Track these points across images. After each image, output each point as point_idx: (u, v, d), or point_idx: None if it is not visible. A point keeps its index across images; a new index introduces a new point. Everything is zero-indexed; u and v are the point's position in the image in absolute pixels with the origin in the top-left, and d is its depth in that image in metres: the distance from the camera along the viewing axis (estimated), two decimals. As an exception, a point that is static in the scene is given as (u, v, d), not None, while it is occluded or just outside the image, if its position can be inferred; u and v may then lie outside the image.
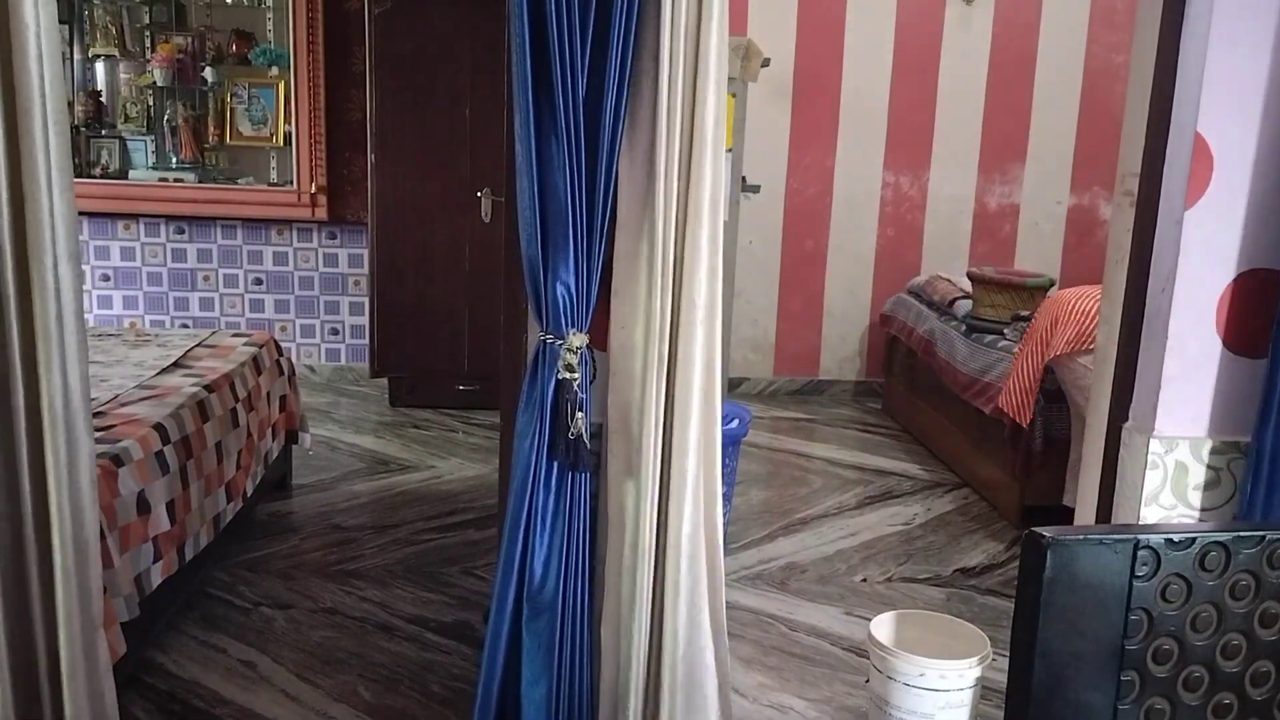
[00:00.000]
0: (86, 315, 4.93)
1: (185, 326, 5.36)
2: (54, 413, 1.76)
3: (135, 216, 5.28)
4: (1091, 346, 2.94)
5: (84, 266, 5.11)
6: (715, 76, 1.82)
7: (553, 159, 1.81)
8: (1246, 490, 1.85)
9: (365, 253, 5.27)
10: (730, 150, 4.40)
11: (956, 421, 4.49)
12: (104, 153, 5.16)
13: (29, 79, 1.66)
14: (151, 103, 5.16)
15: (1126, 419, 2.01)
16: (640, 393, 1.91)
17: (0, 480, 1.77)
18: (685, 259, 1.88)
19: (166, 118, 5.12)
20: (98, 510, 1.88)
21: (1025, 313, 4.32)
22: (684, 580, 1.97)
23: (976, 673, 2.27)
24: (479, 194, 4.88)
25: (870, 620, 2.42)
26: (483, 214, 4.88)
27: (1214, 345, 1.91)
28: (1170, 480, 1.94)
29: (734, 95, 4.38)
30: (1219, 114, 1.83)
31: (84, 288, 5.05)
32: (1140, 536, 1.01)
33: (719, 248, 1.90)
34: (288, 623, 2.92)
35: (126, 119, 5.12)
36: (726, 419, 3.36)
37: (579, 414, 1.90)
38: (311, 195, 5.17)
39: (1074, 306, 3.59)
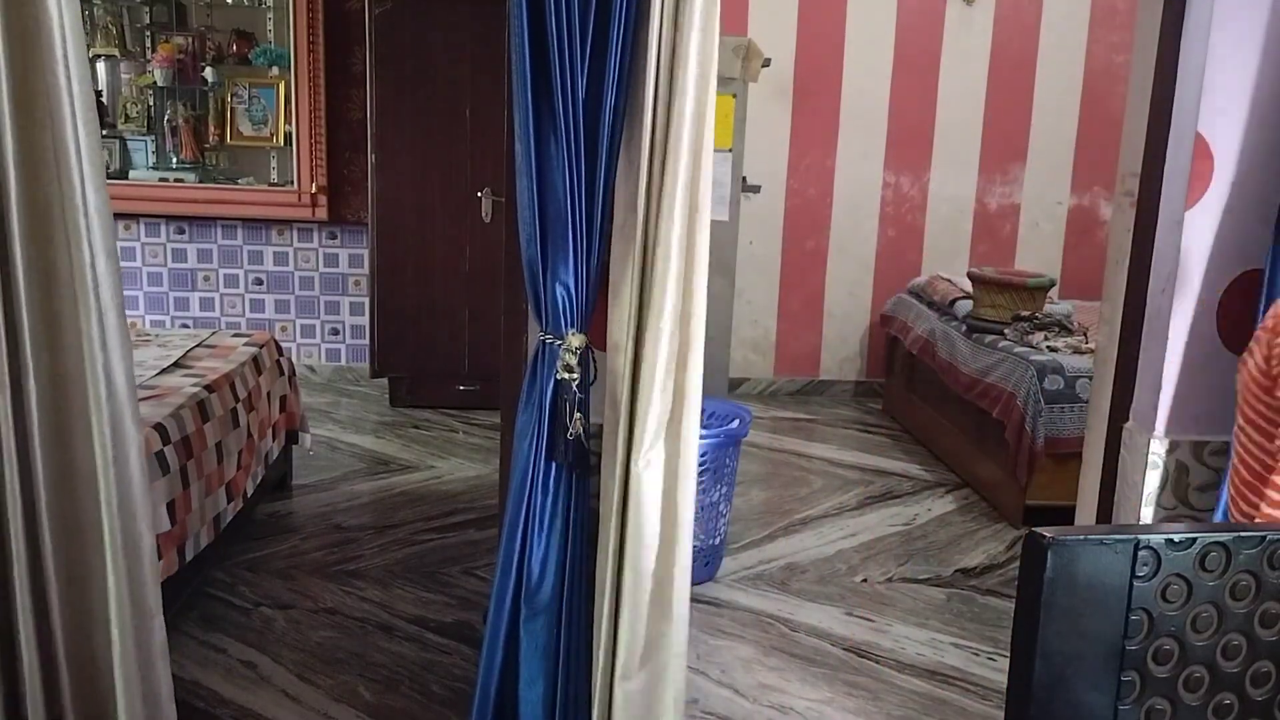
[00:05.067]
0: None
1: (185, 326, 5.36)
2: (99, 408, 1.79)
3: (135, 216, 5.27)
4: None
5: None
6: (696, 73, 1.79)
7: (552, 159, 1.81)
8: (1222, 490, 1.85)
9: (365, 253, 5.27)
10: (730, 150, 4.40)
11: (957, 421, 4.49)
12: (104, 153, 5.16)
13: (57, 80, 1.67)
14: (152, 103, 5.15)
15: (1127, 419, 2.01)
16: (623, 393, 1.91)
17: (18, 478, 1.79)
18: (656, 264, 1.85)
19: (167, 118, 5.12)
20: (149, 500, 1.92)
21: (1026, 313, 4.32)
22: (645, 597, 1.93)
23: None
24: (479, 194, 4.88)
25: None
26: (483, 214, 4.88)
27: (1214, 345, 1.91)
28: (1171, 480, 1.94)
29: (734, 95, 4.38)
30: (1219, 114, 1.83)
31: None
32: (1141, 537, 1.01)
33: (697, 249, 1.85)
34: (288, 623, 2.92)
35: (127, 119, 5.12)
36: (727, 419, 3.36)
37: (578, 414, 1.90)
38: (312, 195, 5.17)
39: None
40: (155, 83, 5.03)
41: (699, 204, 1.85)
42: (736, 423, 3.32)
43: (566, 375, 1.89)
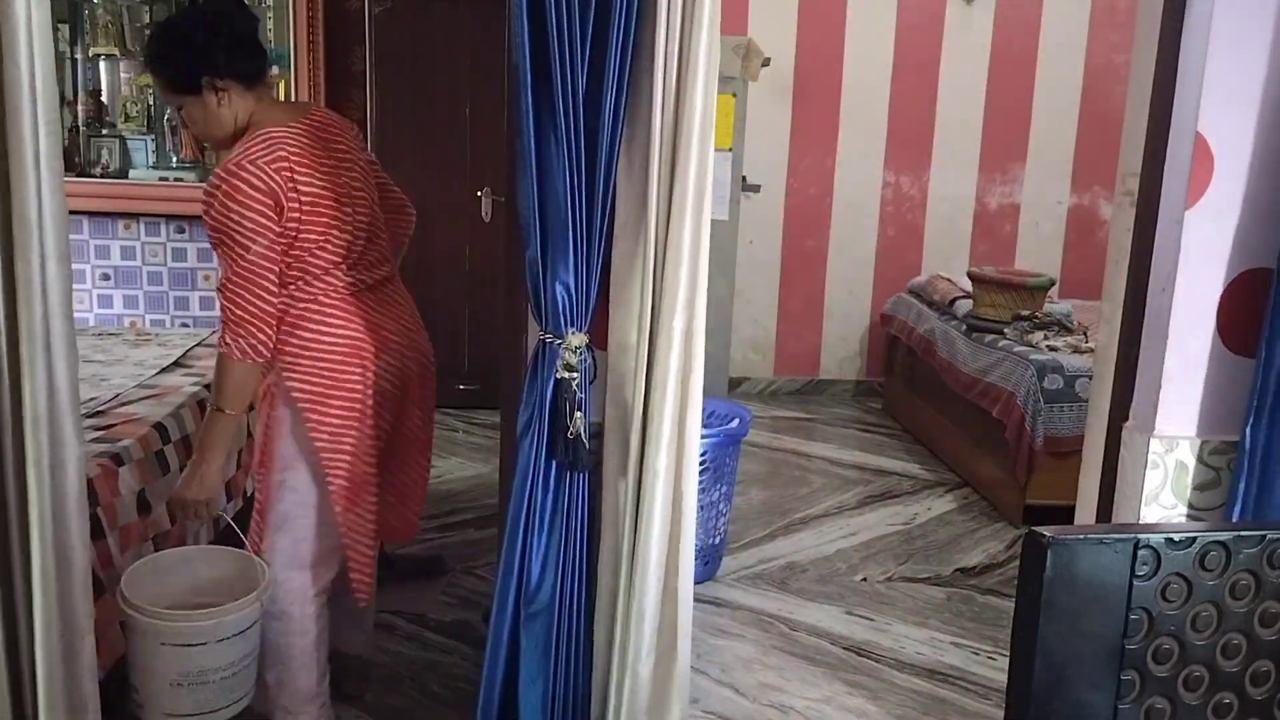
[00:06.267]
0: (87, 315, 4.92)
1: (185, 326, 5.35)
2: (37, 413, 1.72)
3: (135, 216, 5.27)
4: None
5: (84, 266, 5.10)
6: (704, 74, 1.81)
7: (552, 159, 1.81)
8: (1237, 488, 1.85)
9: (365, 252, 5.27)
10: (730, 150, 4.40)
11: (957, 421, 4.50)
12: (104, 152, 5.15)
13: (18, 75, 1.64)
14: (152, 102, 5.15)
15: (1127, 418, 2.01)
16: (633, 393, 1.91)
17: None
18: (668, 260, 1.87)
19: (167, 117, 5.11)
20: (86, 515, 1.83)
21: (1026, 312, 4.33)
22: (651, 589, 1.95)
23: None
24: (479, 194, 4.88)
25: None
26: (483, 214, 4.88)
27: (1214, 345, 1.91)
28: (1170, 480, 1.94)
29: (734, 95, 4.38)
30: (1219, 114, 1.83)
31: (80, 287, 5.03)
32: (1140, 536, 1.01)
33: (701, 249, 1.89)
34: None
35: (127, 118, 5.11)
36: (727, 419, 3.36)
37: (578, 413, 1.90)
38: (312, 195, 5.16)
39: None
40: (155, 82, 5.03)
41: (704, 204, 1.86)
42: (736, 422, 3.32)
43: (566, 374, 1.89)
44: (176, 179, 5.12)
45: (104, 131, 5.18)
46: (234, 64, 2.10)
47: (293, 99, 5.09)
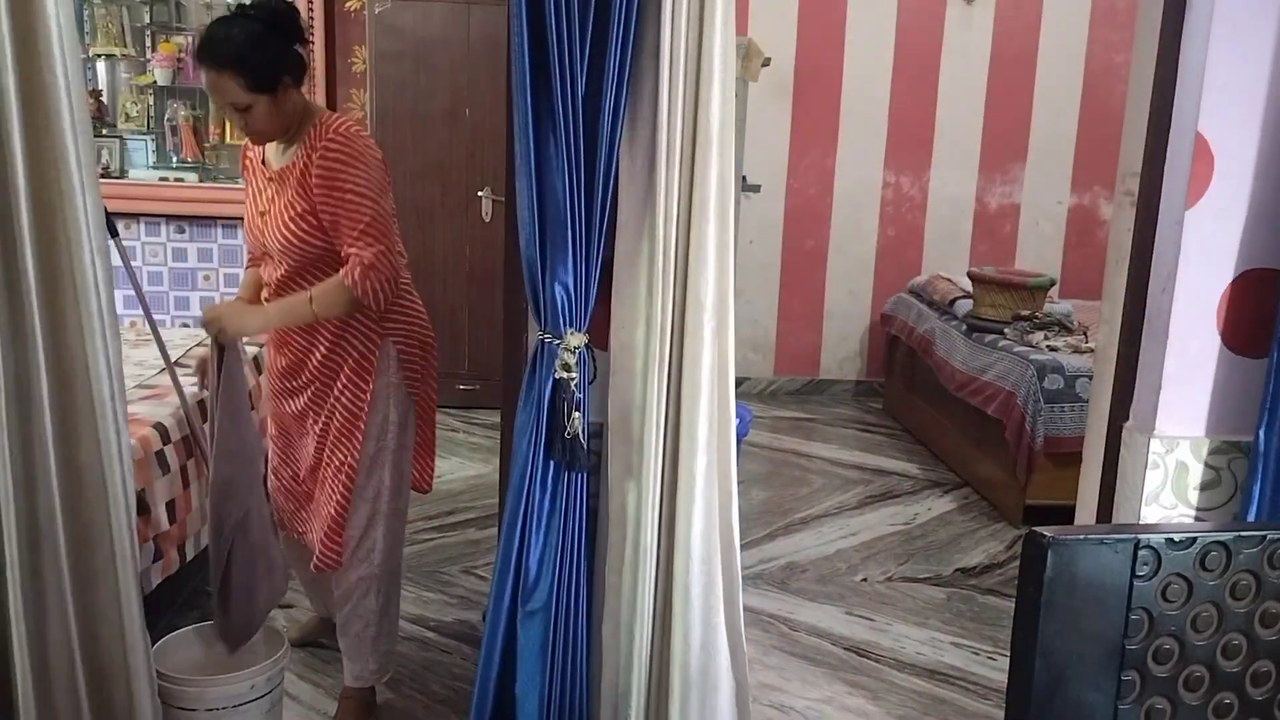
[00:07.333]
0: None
1: (186, 326, 5.35)
2: (103, 407, 1.80)
3: (136, 216, 5.27)
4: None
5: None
6: (720, 75, 1.82)
7: (551, 159, 1.81)
8: (1251, 490, 1.84)
9: (365, 252, 5.27)
10: (730, 150, 4.40)
11: (957, 421, 4.50)
12: (104, 152, 5.15)
13: (55, 80, 1.67)
14: (152, 102, 5.15)
15: (1127, 419, 2.01)
16: (641, 393, 1.91)
17: (22, 479, 1.78)
18: (691, 259, 1.88)
19: (167, 117, 5.11)
20: (135, 500, 1.95)
21: (1025, 312, 4.32)
22: (696, 582, 1.96)
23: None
24: (479, 194, 4.88)
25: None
26: (483, 214, 4.88)
27: (1214, 345, 1.91)
28: (1171, 480, 1.94)
29: (734, 95, 4.38)
30: (1219, 114, 1.83)
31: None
32: (1141, 536, 1.01)
33: (728, 248, 1.90)
34: (288, 622, 2.91)
35: (127, 119, 5.11)
36: (727, 419, 3.36)
37: (575, 413, 1.90)
38: (312, 195, 5.16)
39: None
40: (155, 82, 5.03)
41: (728, 206, 1.87)
42: (736, 422, 3.32)
43: (564, 374, 1.89)
44: (176, 179, 5.12)
45: (104, 132, 5.18)
46: (300, 63, 2.24)
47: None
